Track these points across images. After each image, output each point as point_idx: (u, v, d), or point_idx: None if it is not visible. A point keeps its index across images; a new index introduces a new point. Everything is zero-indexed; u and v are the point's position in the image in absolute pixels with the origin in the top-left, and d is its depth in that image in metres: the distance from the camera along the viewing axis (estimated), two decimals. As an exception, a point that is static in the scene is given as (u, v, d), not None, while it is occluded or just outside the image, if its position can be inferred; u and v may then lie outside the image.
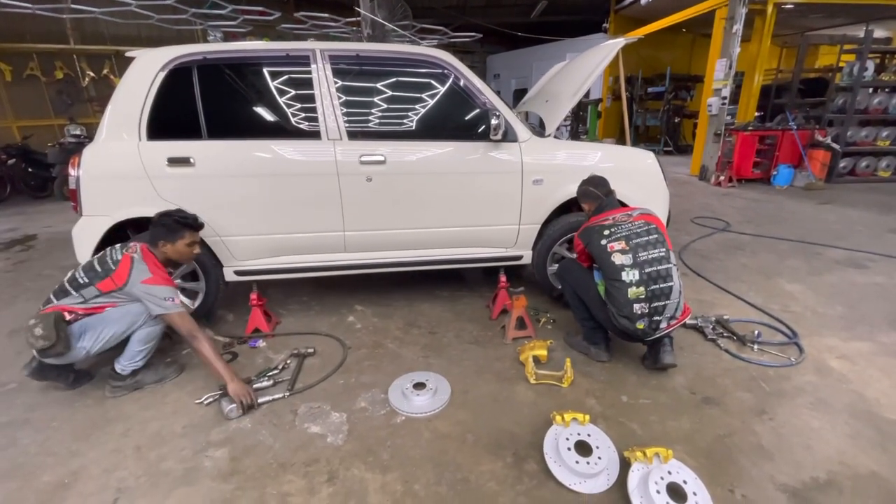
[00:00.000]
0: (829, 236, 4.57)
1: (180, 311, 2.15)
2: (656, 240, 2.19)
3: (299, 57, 2.52)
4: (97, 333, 2.10)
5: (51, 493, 1.69)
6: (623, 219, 2.26)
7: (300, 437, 1.96)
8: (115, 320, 2.11)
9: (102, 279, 2.11)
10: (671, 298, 2.14)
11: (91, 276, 2.12)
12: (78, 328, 2.10)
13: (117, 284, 2.11)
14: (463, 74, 2.60)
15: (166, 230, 2.22)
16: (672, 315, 2.16)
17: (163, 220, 2.23)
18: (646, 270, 2.13)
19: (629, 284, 2.13)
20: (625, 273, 2.14)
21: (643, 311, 2.13)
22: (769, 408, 2.08)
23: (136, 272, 2.11)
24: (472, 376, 2.37)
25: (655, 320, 2.14)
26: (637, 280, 2.12)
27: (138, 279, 2.10)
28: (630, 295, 2.12)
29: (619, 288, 2.15)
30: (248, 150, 2.50)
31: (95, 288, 2.10)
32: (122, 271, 2.11)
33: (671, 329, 2.19)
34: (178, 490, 1.69)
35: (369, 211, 2.65)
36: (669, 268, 2.16)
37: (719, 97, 7.23)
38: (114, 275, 2.11)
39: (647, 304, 2.12)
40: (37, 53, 8.87)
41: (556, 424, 1.85)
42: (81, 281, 2.12)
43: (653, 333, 2.17)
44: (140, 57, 2.47)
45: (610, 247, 2.18)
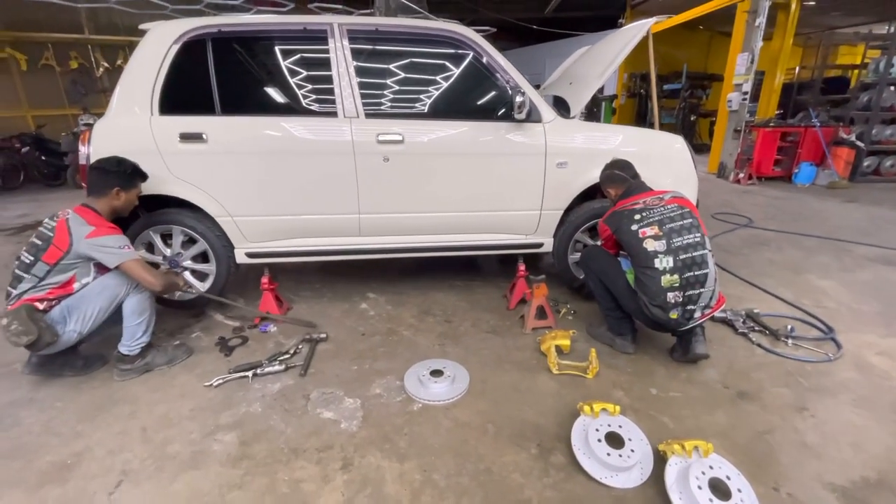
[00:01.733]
0: (856, 233, 4.40)
1: (137, 258, 2.05)
2: (691, 224, 2.07)
3: (317, 31, 2.43)
4: (82, 313, 2.01)
5: (53, 474, 1.62)
6: (654, 202, 2.13)
7: (313, 422, 1.86)
8: (97, 294, 2.02)
9: (45, 250, 1.97)
10: (706, 287, 2.02)
11: (34, 251, 1.99)
12: (59, 313, 1.99)
13: (62, 249, 1.97)
14: (486, 51, 2.50)
15: (125, 178, 2.14)
16: (707, 304, 2.04)
17: (121, 168, 2.13)
18: (680, 257, 2.01)
19: (662, 272, 2.01)
20: (658, 260, 2.02)
21: (677, 300, 2.01)
22: (810, 404, 1.96)
23: (75, 230, 1.98)
24: (491, 365, 2.26)
25: (689, 309, 2.02)
26: (671, 267, 2.00)
27: (81, 235, 1.97)
28: (663, 283, 2.00)
29: (652, 276, 2.03)
30: (263, 128, 2.41)
31: (42, 262, 1.96)
32: (62, 234, 1.98)
33: (705, 319, 2.07)
34: (184, 474, 1.61)
35: (386, 193, 2.55)
36: (705, 254, 2.04)
37: (740, 92, 7.05)
38: (55, 241, 1.97)
39: (681, 292, 2.00)
40: (52, 43, 8.91)
41: (583, 415, 1.74)
42: (27, 261, 1.99)
43: (686, 323, 2.05)
44: (153, 29, 2.40)
45: (642, 232, 2.06)
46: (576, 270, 2.85)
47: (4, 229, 5.05)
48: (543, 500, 1.49)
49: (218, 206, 2.46)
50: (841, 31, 11.71)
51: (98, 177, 2.13)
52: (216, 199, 2.45)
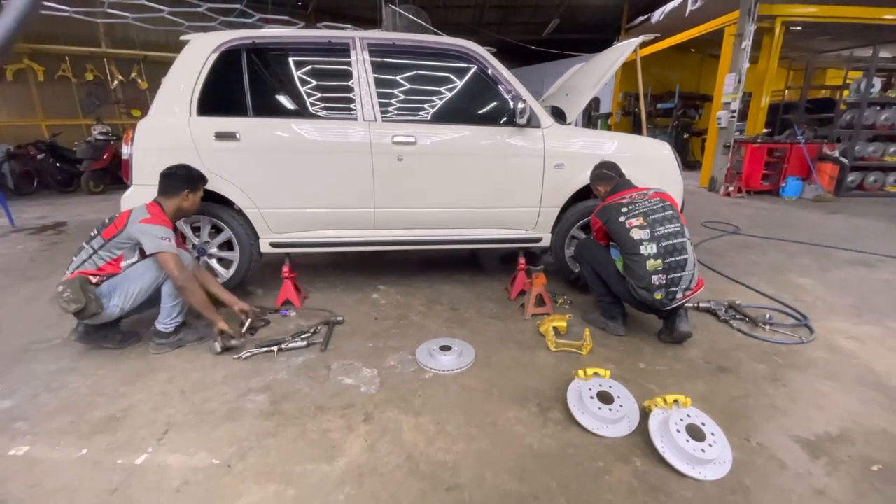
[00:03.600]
0: (838, 240, 4.66)
1: (174, 253, 2.24)
2: (671, 215, 2.32)
3: (340, 45, 2.72)
4: (125, 291, 2.23)
5: (104, 424, 1.81)
6: (639, 197, 2.39)
7: (335, 387, 2.07)
8: (139, 276, 2.25)
9: (106, 227, 2.27)
10: (686, 270, 2.26)
11: (98, 227, 2.30)
12: (106, 289, 2.22)
13: (118, 228, 2.25)
14: (491, 64, 2.78)
15: (193, 181, 2.39)
16: (687, 286, 2.28)
17: (190, 173, 2.39)
18: (662, 244, 2.25)
19: (647, 257, 2.25)
20: (643, 247, 2.26)
21: (661, 283, 2.24)
22: (782, 376, 2.18)
23: (135, 214, 2.26)
24: (495, 344, 2.48)
25: (672, 291, 2.25)
26: (655, 253, 2.25)
27: (136, 219, 2.24)
28: (648, 267, 2.24)
29: (638, 261, 2.27)
30: (290, 128, 2.67)
31: (100, 237, 2.25)
32: (123, 216, 2.28)
33: (686, 300, 2.30)
34: (223, 425, 1.81)
35: (399, 189, 2.80)
36: (684, 241, 2.28)
37: (728, 110, 7.42)
38: (116, 220, 2.28)
39: (664, 275, 2.24)
40: (69, 56, 9.25)
41: (577, 379, 1.95)
42: (92, 234, 2.30)
43: (669, 304, 2.28)
44: (194, 40, 2.67)
45: (629, 223, 2.31)
46: (572, 264, 3.08)
47: (26, 228, 5.28)
48: (543, 445, 1.69)
49: (247, 198, 2.70)
50: (826, 54, 12.22)
51: (171, 181, 2.36)
52: (245, 193, 2.69)
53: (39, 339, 2.52)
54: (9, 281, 3.50)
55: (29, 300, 3.11)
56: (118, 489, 1.49)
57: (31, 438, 1.73)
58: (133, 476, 1.55)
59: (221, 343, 2.32)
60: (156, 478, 1.54)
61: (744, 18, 7.10)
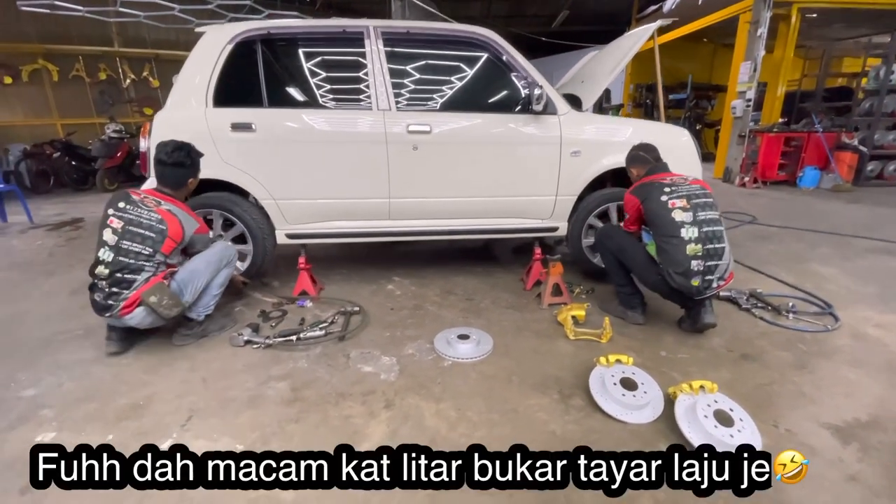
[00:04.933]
0: (859, 229, 4.56)
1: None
2: (712, 203, 2.26)
3: (354, 33, 2.70)
4: (194, 285, 2.27)
5: (128, 411, 1.83)
6: (680, 181, 2.32)
7: (355, 374, 2.07)
8: (203, 271, 2.31)
9: (162, 242, 2.16)
10: (723, 260, 2.19)
11: (151, 244, 2.14)
12: (176, 287, 2.23)
13: (176, 241, 2.22)
14: (507, 51, 2.75)
15: (196, 168, 2.38)
16: (722, 276, 2.21)
17: (192, 159, 2.33)
18: (703, 230, 2.18)
19: (688, 241, 2.17)
20: (684, 230, 2.18)
21: (699, 269, 2.16)
22: (808, 364, 2.14)
23: (187, 225, 2.26)
24: (512, 333, 2.46)
25: (708, 279, 2.18)
26: (696, 237, 2.17)
27: (191, 230, 2.29)
28: (688, 251, 2.17)
29: (677, 245, 2.19)
30: (306, 118, 2.67)
31: (161, 253, 2.17)
32: (176, 228, 2.20)
33: (721, 289, 2.24)
34: (246, 412, 1.82)
35: (414, 178, 2.79)
36: (722, 230, 2.22)
37: (743, 99, 7.29)
38: (170, 233, 2.18)
39: (702, 261, 2.16)
40: (82, 56, 9.36)
41: (599, 366, 1.93)
42: (147, 252, 2.13)
43: (705, 292, 2.21)
44: (210, 31, 2.68)
45: (671, 203, 2.23)
46: (589, 254, 3.05)
47: (45, 225, 5.36)
48: (566, 431, 1.68)
49: (263, 189, 2.71)
50: (842, 43, 11.95)
51: (175, 172, 2.31)
52: (261, 184, 2.70)
53: (62, 329, 2.56)
54: (30, 275, 3.56)
55: (50, 294, 3.15)
56: (145, 473, 1.50)
57: (56, 425, 1.76)
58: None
59: (248, 334, 2.35)
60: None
61: (759, 5, 6.96)
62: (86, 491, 1.31)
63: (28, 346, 2.39)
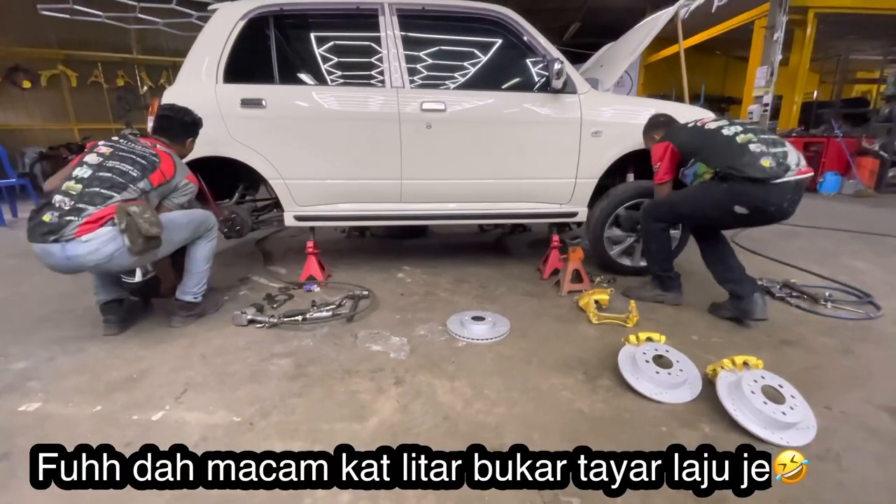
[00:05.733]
0: (888, 229, 4.36)
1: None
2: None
3: (368, 10, 2.64)
4: (170, 237, 2.03)
5: (120, 384, 1.71)
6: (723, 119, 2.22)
7: (363, 353, 1.94)
8: (184, 225, 2.13)
9: (153, 171, 2.00)
10: (787, 148, 2.00)
11: (140, 168, 1.96)
12: None
13: (166, 177, 2.05)
14: (526, 30, 2.66)
15: (196, 130, 2.30)
16: (797, 162, 1.96)
17: (195, 119, 2.27)
18: (759, 135, 2.03)
19: (734, 135, 2.03)
20: (726, 129, 2.06)
21: (762, 150, 1.95)
22: (854, 349, 1.96)
23: (180, 168, 2.14)
24: (530, 318, 2.31)
25: (780, 160, 1.93)
26: (743, 131, 2.03)
27: (183, 174, 2.15)
28: (740, 140, 2.00)
29: (728, 143, 2.02)
30: (317, 95, 2.59)
31: (148, 181, 1.98)
32: (168, 165, 2.07)
33: (801, 176, 1.95)
34: (245, 385, 1.69)
35: (427, 159, 2.68)
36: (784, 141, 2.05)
37: (760, 104, 7.16)
38: (161, 167, 2.03)
39: (762, 145, 1.97)
40: (101, 62, 9.55)
41: (629, 345, 1.77)
42: (135, 174, 1.94)
43: (783, 173, 1.91)
44: (222, 8, 2.63)
45: (702, 122, 2.18)
46: (608, 246, 2.89)
47: (54, 219, 5.33)
48: (595, 410, 1.52)
49: (272, 168, 2.62)
50: (857, 56, 11.84)
51: (176, 125, 2.23)
52: (271, 162, 2.61)
53: (60, 309, 2.46)
54: (34, 263, 3.47)
55: (53, 277, 3.03)
56: (132, 443, 1.37)
57: (43, 396, 1.64)
58: (149, 431, 1.43)
59: (252, 313, 2.23)
60: (172, 433, 1.42)
61: (775, 10, 6.89)
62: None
63: (24, 323, 2.29)
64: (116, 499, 1.16)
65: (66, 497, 1.17)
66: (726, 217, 2.11)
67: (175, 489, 1.17)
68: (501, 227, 4.23)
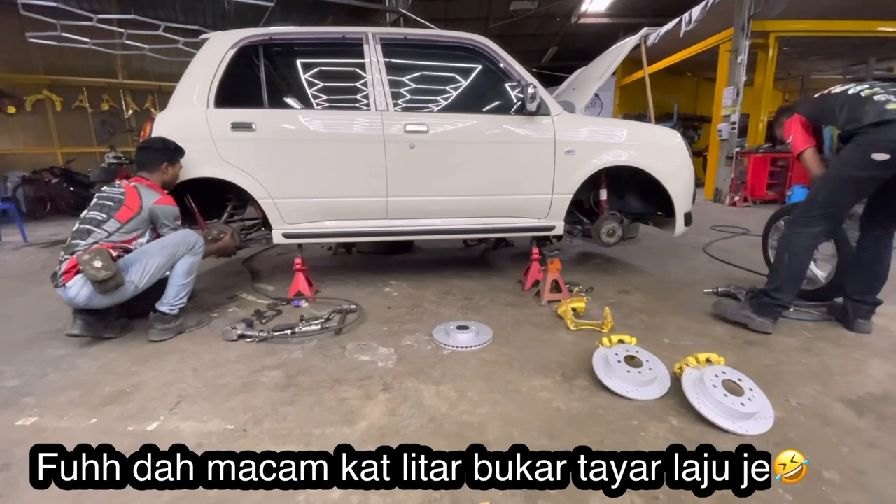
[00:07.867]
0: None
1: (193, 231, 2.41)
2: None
3: (353, 39, 2.80)
4: (143, 266, 2.17)
5: (114, 397, 1.75)
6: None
7: (351, 363, 2.01)
8: (154, 253, 2.21)
9: (118, 210, 2.21)
10: None
11: (106, 211, 2.21)
12: (123, 264, 2.15)
13: (133, 210, 2.23)
14: (501, 57, 2.84)
15: (171, 154, 2.43)
16: None
17: (166, 145, 2.42)
18: (888, 89, 2.05)
19: (859, 92, 2.06)
20: (861, 92, 2.07)
21: (886, 98, 1.97)
22: (813, 347, 2.10)
23: (145, 195, 2.28)
24: (512, 326, 2.41)
25: None
26: (875, 91, 2.04)
27: (150, 200, 2.28)
28: (864, 94, 2.03)
29: (851, 100, 2.05)
30: (305, 118, 2.72)
31: (115, 219, 2.19)
32: (133, 197, 2.25)
33: None
34: (237, 396, 1.74)
35: (411, 177, 2.81)
36: None
37: (728, 122, 7.54)
38: (126, 202, 2.23)
39: (887, 94, 1.99)
40: (87, 87, 9.59)
41: (602, 347, 1.88)
42: (99, 218, 2.19)
43: None
44: (214, 38, 2.76)
45: (845, 88, 2.15)
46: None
47: (38, 243, 5.32)
48: (572, 408, 1.62)
49: (261, 188, 2.71)
50: (820, 75, 12.52)
51: (149, 155, 2.41)
52: (260, 182, 2.70)
53: (48, 329, 2.48)
54: (20, 284, 3.50)
55: (39, 298, 3.09)
56: (129, 452, 1.41)
57: (38, 411, 1.67)
58: (145, 441, 1.48)
59: (242, 328, 2.28)
60: (168, 442, 1.46)
61: (738, 35, 7.32)
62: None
63: (12, 343, 2.31)
64: (116, 499, 1.21)
65: (67, 497, 1.22)
66: (871, 171, 1.99)
67: (175, 489, 1.23)
68: (485, 242, 4.37)
